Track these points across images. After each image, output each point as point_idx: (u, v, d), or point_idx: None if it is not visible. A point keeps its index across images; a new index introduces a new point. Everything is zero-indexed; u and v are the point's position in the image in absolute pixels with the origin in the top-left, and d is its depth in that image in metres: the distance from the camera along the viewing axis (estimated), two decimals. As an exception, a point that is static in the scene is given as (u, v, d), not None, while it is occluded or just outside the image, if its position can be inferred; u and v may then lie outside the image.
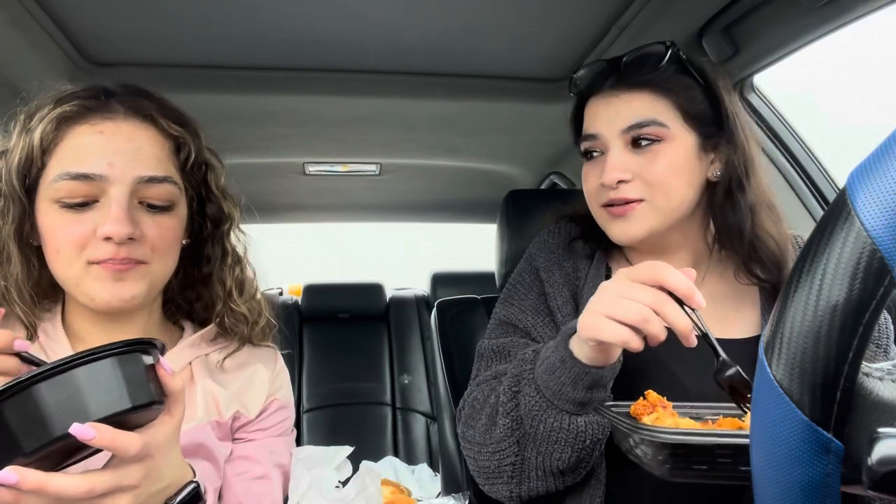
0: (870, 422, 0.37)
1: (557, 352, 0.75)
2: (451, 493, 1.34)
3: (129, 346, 0.58)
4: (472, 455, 0.86)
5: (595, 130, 0.91)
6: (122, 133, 0.75)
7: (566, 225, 1.04)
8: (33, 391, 0.53)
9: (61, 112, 0.74)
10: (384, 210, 2.75)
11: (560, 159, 2.02)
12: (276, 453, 0.85)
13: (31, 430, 0.53)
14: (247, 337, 0.86)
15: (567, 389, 0.74)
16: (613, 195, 0.88)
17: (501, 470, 0.81)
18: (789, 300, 0.38)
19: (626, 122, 0.87)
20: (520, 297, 0.99)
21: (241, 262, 0.89)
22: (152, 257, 0.75)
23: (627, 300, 0.67)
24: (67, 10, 1.14)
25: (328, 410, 2.81)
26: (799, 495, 0.38)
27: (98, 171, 0.72)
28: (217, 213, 0.86)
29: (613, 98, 0.90)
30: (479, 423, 0.86)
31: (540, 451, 0.78)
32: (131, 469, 0.58)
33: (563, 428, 0.75)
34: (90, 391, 0.54)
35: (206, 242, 0.87)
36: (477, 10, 1.18)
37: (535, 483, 0.81)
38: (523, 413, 0.78)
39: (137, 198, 0.74)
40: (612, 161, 0.87)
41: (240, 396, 0.84)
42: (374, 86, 1.48)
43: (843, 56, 1.35)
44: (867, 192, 0.35)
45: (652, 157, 0.87)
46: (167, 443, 0.62)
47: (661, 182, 0.86)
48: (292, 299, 3.06)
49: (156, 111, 0.78)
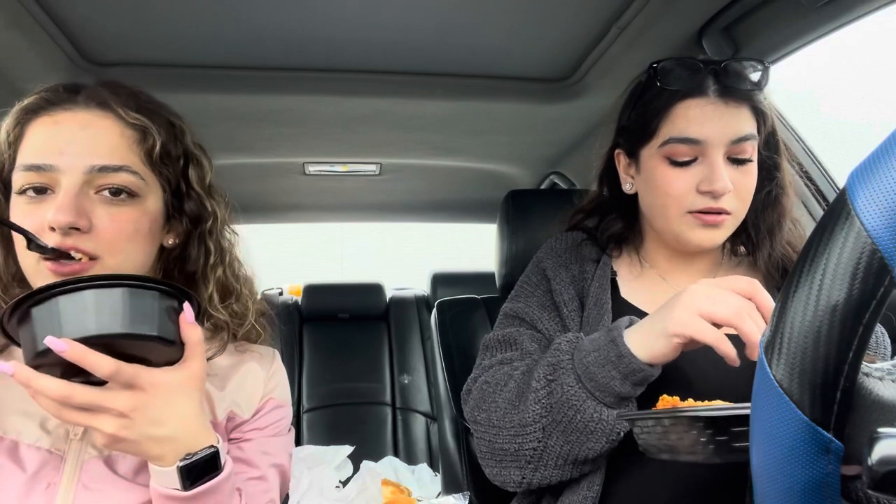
0: (870, 422, 0.37)
1: (614, 347, 0.77)
2: (451, 493, 1.34)
3: (144, 283, 0.62)
4: (486, 438, 0.87)
5: (699, 136, 0.87)
6: (76, 122, 0.74)
7: (573, 232, 1.07)
8: (51, 302, 0.58)
9: (26, 106, 0.75)
10: (384, 210, 2.75)
11: (560, 159, 2.02)
12: (272, 453, 0.84)
13: (30, 340, 0.59)
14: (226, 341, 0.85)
15: (615, 384, 0.76)
16: (713, 204, 0.87)
17: (521, 454, 0.82)
18: (789, 300, 0.38)
19: (737, 134, 0.86)
20: (526, 294, 1.02)
21: (225, 263, 0.87)
22: (104, 251, 0.72)
23: (723, 302, 0.71)
24: (67, 10, 1.14)
25: (328, 410, 2.81)
26: (799, 495, 0.38)
27: (49, 161, 0.71)
28: (196, 209, 0.84)
29: (722, 105, 0.87)
30: (495, 406, 0.86)
31: (569, 439, 0.79)
32: (117, 393, 0.61)
33: (602, 419, 0.77)
34: (94, 311, 0.59)
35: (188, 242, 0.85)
36: (477, 10, 1.18)
37: (552, 471, 0.82)
38: (557, 402, 0.79)
39: (93, 188, 0.73)
40: (721, 170, 0.86)
41: (233, 396, 0.84)
42: (374, 86, 1.48)
43: (843, 56, 1.36)
44: (867, 192, 0.35)
45: (745, 172, 0.88)
46: (170, 388, 0.63)
47: (746, 198, 0.89)
48: (292, 299, 3.06)
49: (114, 99, 0.77)
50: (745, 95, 0.88)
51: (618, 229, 1.02)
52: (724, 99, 0.88)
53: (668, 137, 0.89)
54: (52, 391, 0.59)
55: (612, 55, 1.32)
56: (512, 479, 0.85)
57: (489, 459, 0.87)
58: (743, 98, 0.88)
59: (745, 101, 0.88)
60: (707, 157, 0.87)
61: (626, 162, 0.99)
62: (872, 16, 0.98)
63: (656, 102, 0.91)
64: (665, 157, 0.89)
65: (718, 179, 0.85)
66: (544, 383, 0.81)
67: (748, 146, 0.87)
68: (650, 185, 0.92)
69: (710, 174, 0.86)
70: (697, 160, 0.88)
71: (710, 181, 0.86)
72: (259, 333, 0.90)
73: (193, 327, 0.65)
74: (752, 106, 0.89)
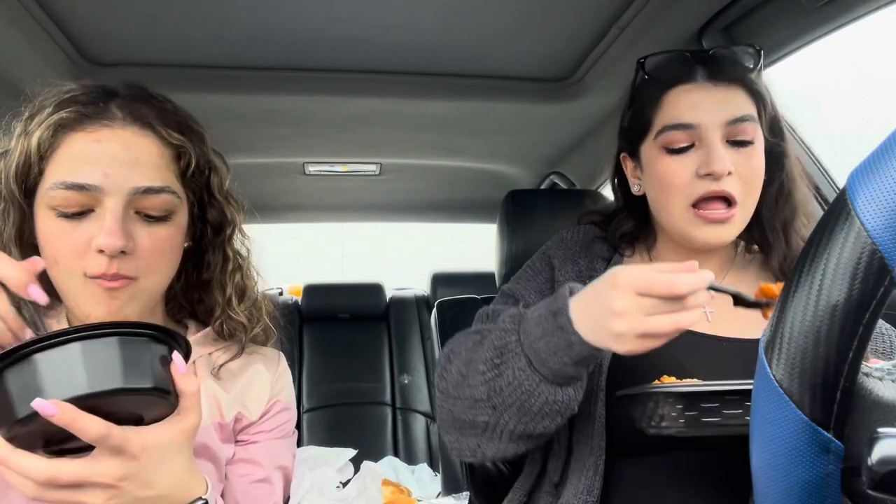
0: (870, 422, 0.37)
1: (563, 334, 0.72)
2: (451, 493, 1.34)
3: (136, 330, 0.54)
4: (446, 406, 0.84)
5: (693, 120, 0.85)
6: (118, 141, 0.73)
7: (587, 226, 1.04)
8: (30, 361, 0.51)
9: (59, 119, 0.73)
10: (384, 210, 2.75)
11: (560, 159, 2.02)
12: (277, 455, 0.85)
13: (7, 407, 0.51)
14: (244, 343, 0.85)
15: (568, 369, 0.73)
16: (715, 188, 0.83)
17: (476, 424, 0.80)
18: (789, 300, 0.38)
19: (732, 115, 0.84)
20: (527, 278, 1.01)
21: (243, 268, 0.87)
22: (143, 271, 0.72)
23: (655, 318, 0.65)
24: (67, 10, 1.14)
25: (328, 410, 2.81)
26: (799, 495, 0.38)
27: (93, 182, 0.70)
28: (219, 218, 0.84)
29: (712, 88, 0.86)
30: (450, 376, 0.83)
31: (523, 420, 0.77)
32: (106, 463, 0.53)
33: (557, 401, 0.75)
34: (83, 366, 0.51)
35: (207, 248, 0.85)
36: (477, 10, 1.18)
37: (506, 444, 0.80)
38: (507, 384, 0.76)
39: (134, 208, 0.72)
40: (719, 151, 0.83)
41: (241, 398, 0.84)
42: (374, 86, 1.48)
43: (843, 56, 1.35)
44: (867, 192, 0.35)
45: (748, 155, 0.85)
46: (162, 448, 0.57)
47: (752, 183, 0.86)
48: (292, 299, 3.06)
49: (155, 118, 0.76)
50: (736, 77, 0.87)
51: (629, 228, 1.01)
52: (713, 81, 0.87)
53: (661, 126, 0.88)
54: (38, 472, 0.51)
55: (612, 55, 1.32)
56: (468, 447, 0.82)
57: (449, 427, 0.84)
58: (734, 79, 0.87)
59: (738, 83, 0.87)
60: (704, 141, 0.85)
61: (631, 165, 0.98)
62: (872, 16, 0.98)
63: (647, 96, 0.91)
64: (662, 148, 0.88)
65: (716, 160, 0.83)
66: (491, 366, 0.78)
67: (748, 127, 0.85)
68: (653, 179, 0.92)
69: (707, 157, 0.84)
70: (695, 146, 0.86)
71: (707, 164, 0.83)
72: (268, 336, 0.89)
73: (187, 377, 0.58)
74: (748, 88, 0.87)
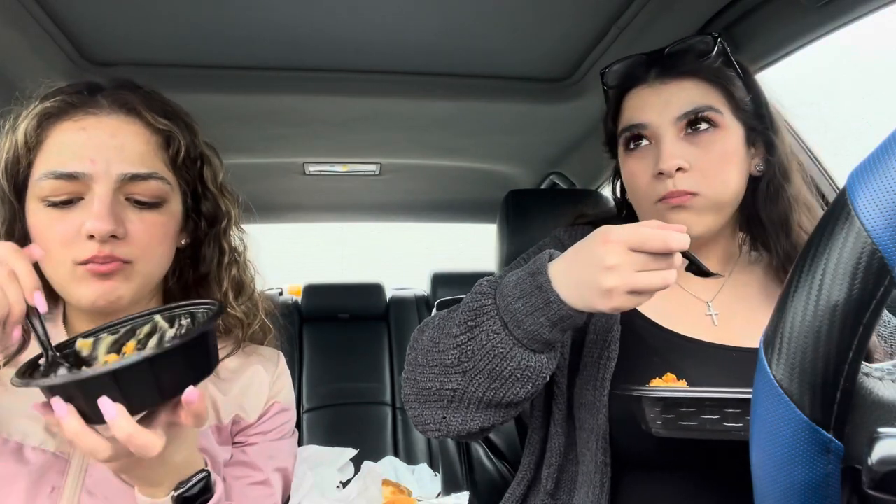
0: (870, 422, 0.37)
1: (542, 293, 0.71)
2: (451, 493, 1.34)
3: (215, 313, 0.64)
4: (412, 377, 0.82)
5: (643, 119, 0.87)
6: (104, 128, 0.73)
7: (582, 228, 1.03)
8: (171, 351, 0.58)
9: (44, 109, 0.73)
10: (384, 210, 2.75)
11: (560, 159, 2.02)
12: (276, 457, 0.84)
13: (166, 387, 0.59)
14: (241, 340, 0.85)
15: (544, 331, 0.71)
16: (671, 187, 0.84)
17: (442, 393, 0.78)
18: (789, 300, 0.38)
19: (680, 109, 0.85)
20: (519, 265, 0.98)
21: (239, 262, 0.87)
22: (138, 256, 0.73)
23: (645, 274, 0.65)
24: (67, 10, 1.14)
25: (328, 410, 2.81)
26: (799, 495, 0.38)
27: (80, 169, 0.70)
28: (213, 210, 0.84)
29: (662, 87, 0.87)
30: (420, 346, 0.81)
31: (493, 386, 0.74)
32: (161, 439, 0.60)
33: (530, 366, 0.73)
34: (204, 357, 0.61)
35: (202, 241, 0.85)
36: (477, 10, 1.18)
37: (473, 413, 0.77)
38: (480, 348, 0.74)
39: (123, 194, 0.73)
40: (669, 147, 0.84)
41: (239, 400, 0.83)
42: (374, 86, 1.48)
43: (843, 56, 1.35)
44: (867, 192, 0.35)
45: (707, 145, 0.85)
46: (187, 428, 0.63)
47: (717, 171, 0.84)
48: (292, 299, 3.06)
49: (141, 104, 0.76)
50: (687, 70, 0.87)
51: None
52: (662, 79, 0.88)
53: (620, 130, 0.91)
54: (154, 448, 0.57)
55: (613, 55, 1.32)
56: (433, 420, 0.80)
57: (413, 401, 0.82)
58: (686, 73, 0.87)
59: (690, 75, 0.87)
60: (656, 139, 0.87)
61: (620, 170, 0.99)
62: (872, 16, 0.98)
63: (611, 103, 0.96)
64: (624, 149, 0.92)
65: (662, 160, 0.84)
66: (464, 329, 0.76)
67: (705, 116, 0.85)
68: (625, 181, 0.93)
69: (657, 156, 0.85)
70: (651, 144, 0.88)
71: (656, 162, 0.85)
72: (266, 333, 0.89)
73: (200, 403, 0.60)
74: (706, 77, 0.87)
